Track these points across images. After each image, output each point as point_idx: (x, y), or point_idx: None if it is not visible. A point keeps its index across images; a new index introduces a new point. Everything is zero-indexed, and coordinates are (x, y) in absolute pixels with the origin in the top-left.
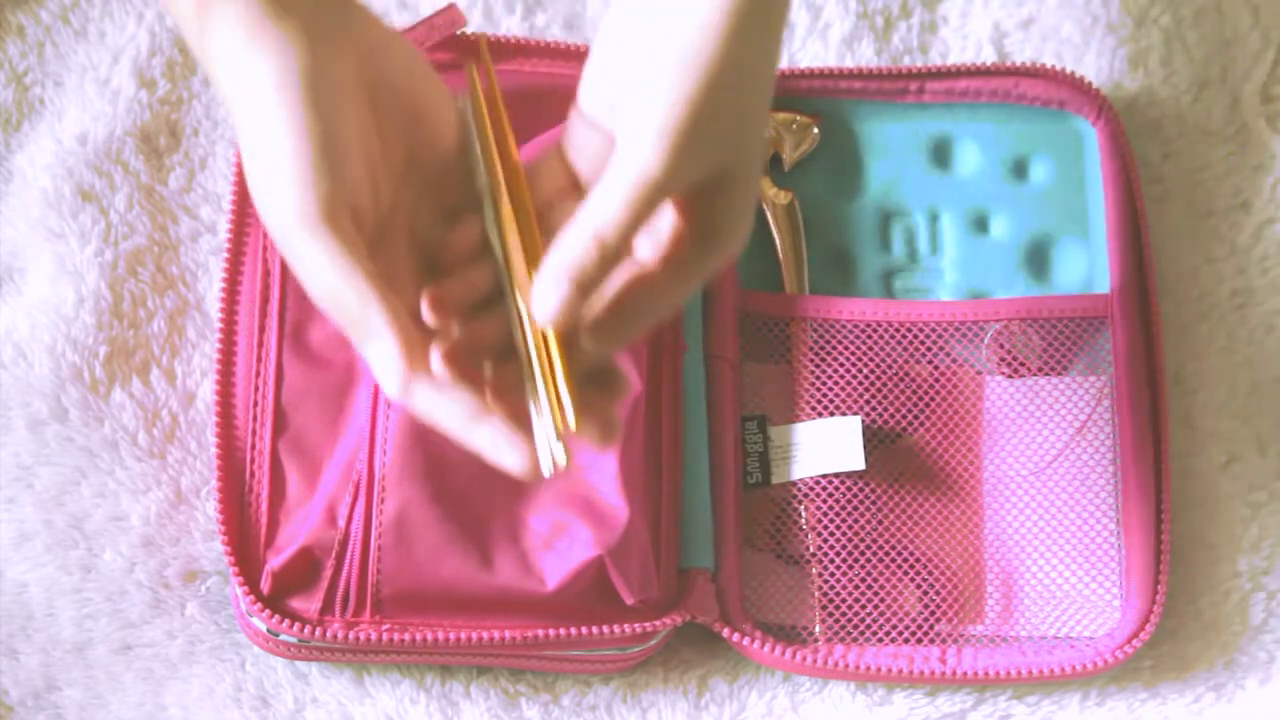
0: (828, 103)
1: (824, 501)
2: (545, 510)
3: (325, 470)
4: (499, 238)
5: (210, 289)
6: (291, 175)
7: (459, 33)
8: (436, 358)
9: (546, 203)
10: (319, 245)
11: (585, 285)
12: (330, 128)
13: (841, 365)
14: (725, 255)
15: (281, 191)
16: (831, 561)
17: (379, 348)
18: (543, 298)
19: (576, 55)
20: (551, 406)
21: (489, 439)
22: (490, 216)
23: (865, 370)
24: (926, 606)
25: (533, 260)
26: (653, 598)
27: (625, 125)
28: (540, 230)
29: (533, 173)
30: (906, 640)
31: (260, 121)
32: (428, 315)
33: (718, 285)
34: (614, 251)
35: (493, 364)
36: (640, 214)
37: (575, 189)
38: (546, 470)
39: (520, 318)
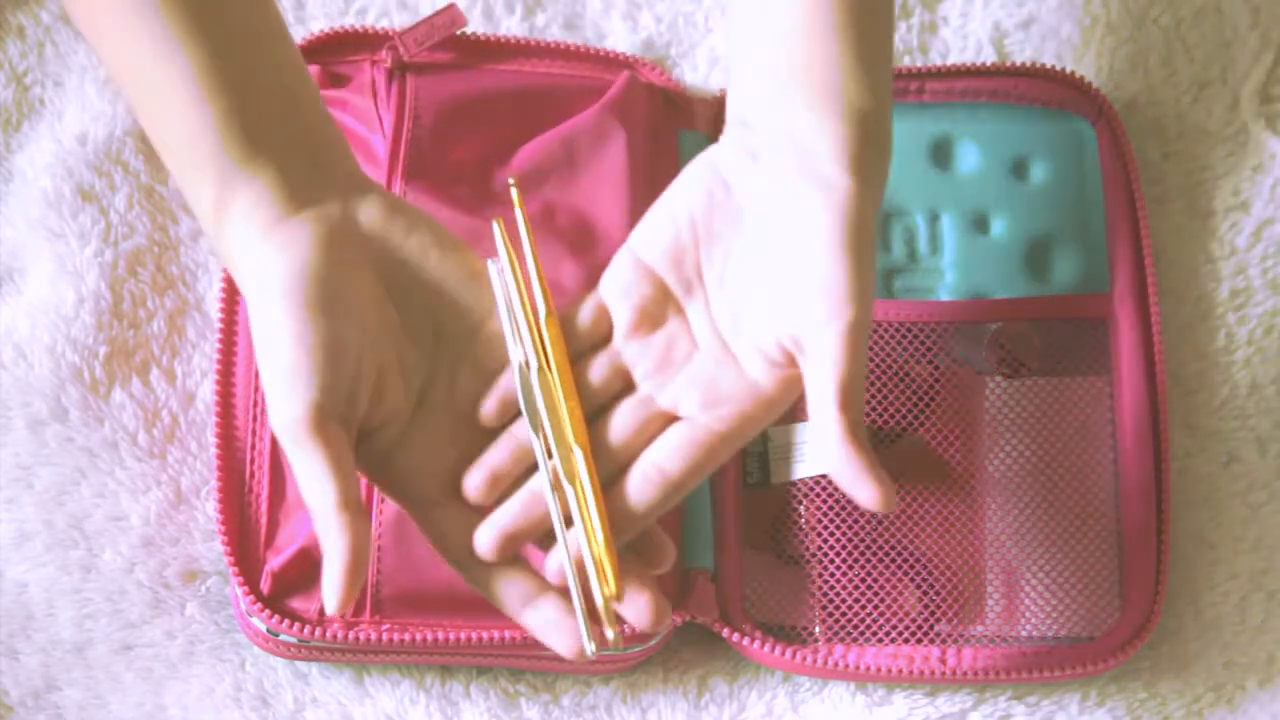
0: None
1: (824, 501)
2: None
3: None
4: (531, 402)
5: (210, 289)
6: (286, 383)
7: (459, 32)
8: (483, 540)
9: (580, 352)
10: (302, 454)
11: (863, 439)
12: (330, 336)
13: None
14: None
15: (276, 396)
16: (831, 561)
17: (328, 568)
18: (865, 487)
19: (576, 55)
20: (600, 579)
21: (540, 622)
22: (519, 377)
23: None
24: (926, 606)
25: (574, 421)
26: None
27: (753, 289)
28: (576, 383)
29: (567, 322)
30: (906, 640)
31: (265, 324)
32: (469, 495)
33: None
34: (861, 401)
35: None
36: (863, 360)
37: (608, 339)
38: (590, 651)
39: (560, 484)
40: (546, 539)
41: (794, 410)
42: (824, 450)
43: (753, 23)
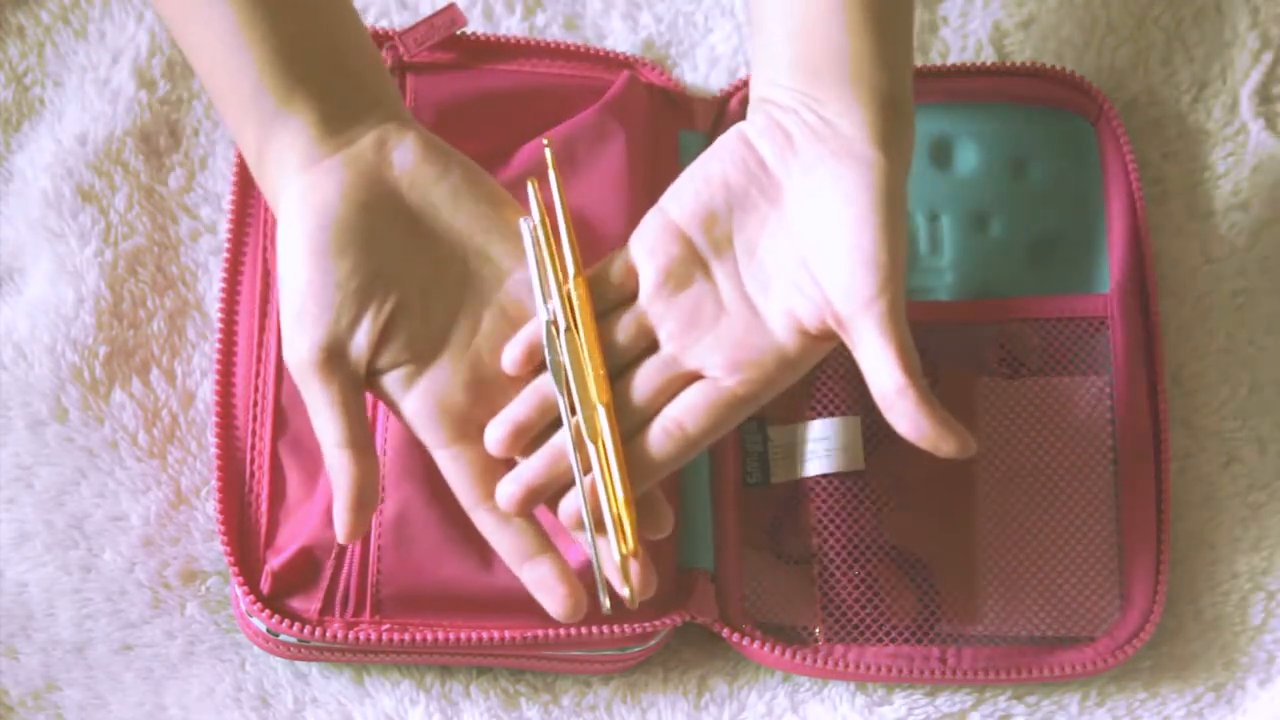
0: None
1: (824, 501)
2: (544, 510)
3: (325, 470)
4: (557, 361)
5: (210, 289)
6: (295, 324)
7: (459, 32)
8: (505, 493)
9: (607, 309)
10: (309, 391)
11: (931, 397)
12: (345, 281)
13: (841, 365)
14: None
15: (288, 336)
16: (831, 561)
17: (336, 502)
18: (947, 441)
19: (576, 55)
20: (618, 536)
21: (535, 579)
22: (546, 336)
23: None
24: (926, 606)
25: (598, 381)
26: (652, 598)
27: (790, 266)
28: (601, 341)
29: (596, 277)
30: (906, 640)
31: (286, 266)
32: (490, 447)
33: None
34: (919, 364)
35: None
36: (907, 328)
37: (634, 297)
38: (606, 607)
39: (583, 441)
40: (562, 495)
41: (795, 410)
42: (895, 418)
43: (778, 9)
